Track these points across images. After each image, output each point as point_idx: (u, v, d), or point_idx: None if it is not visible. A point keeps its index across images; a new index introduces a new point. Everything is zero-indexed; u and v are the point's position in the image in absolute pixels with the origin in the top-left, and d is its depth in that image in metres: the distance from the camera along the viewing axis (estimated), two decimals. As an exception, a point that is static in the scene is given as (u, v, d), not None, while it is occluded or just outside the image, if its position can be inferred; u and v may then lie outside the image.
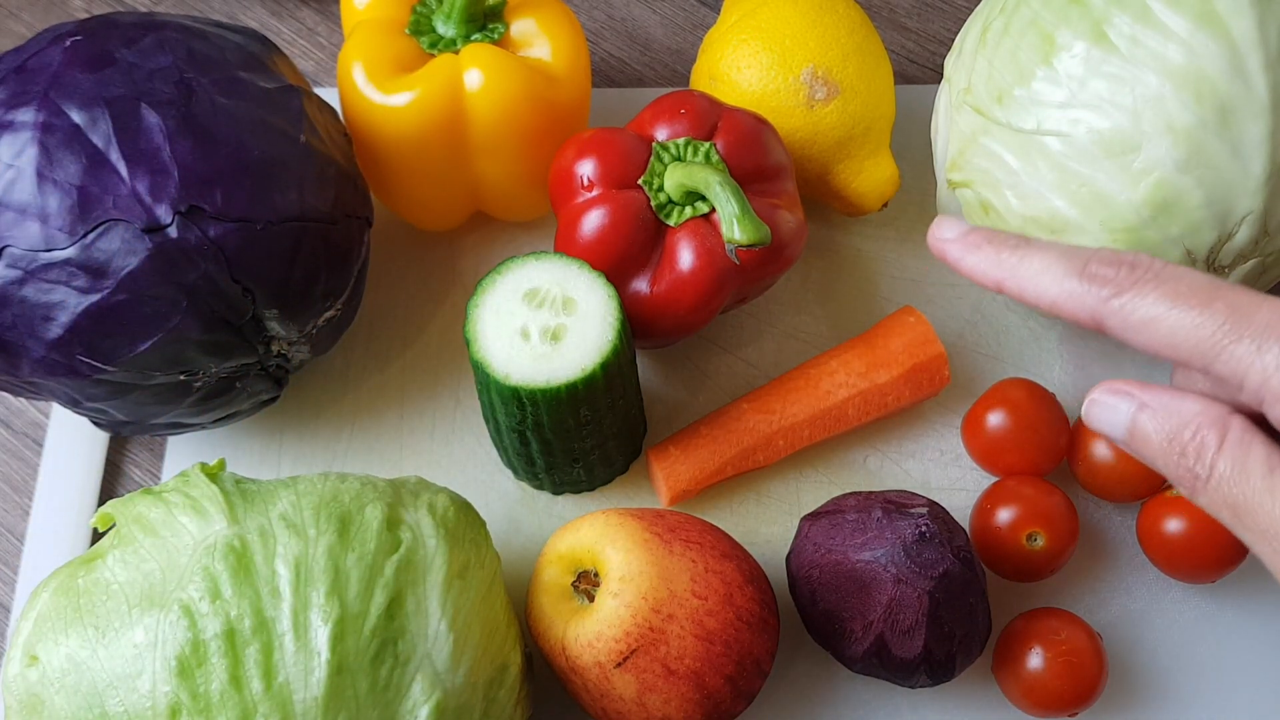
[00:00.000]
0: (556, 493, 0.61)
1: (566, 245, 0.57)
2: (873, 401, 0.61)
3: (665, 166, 0.57)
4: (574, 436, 0.55)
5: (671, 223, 0.57)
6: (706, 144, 0.57)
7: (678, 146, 0.57)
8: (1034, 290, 0.39)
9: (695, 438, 0.61)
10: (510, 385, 0.52)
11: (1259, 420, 0.37)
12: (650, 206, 0.57)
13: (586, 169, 0.57)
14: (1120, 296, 0.37)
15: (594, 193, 0.57)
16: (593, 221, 0.56)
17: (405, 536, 0.47)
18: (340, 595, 0.44)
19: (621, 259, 0.56)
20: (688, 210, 0.57)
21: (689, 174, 0.55)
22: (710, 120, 0.58)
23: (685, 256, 0.56)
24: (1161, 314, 0.36)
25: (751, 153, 0.57)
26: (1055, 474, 0.60)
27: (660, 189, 0.57)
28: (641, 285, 0.57)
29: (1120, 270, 0.37)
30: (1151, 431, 0.38)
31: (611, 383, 0.54)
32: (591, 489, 0.62)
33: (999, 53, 0.56)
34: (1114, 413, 0.39)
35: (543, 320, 0.53)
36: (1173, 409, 0.37)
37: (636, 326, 0.58)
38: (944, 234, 0.42)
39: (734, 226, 0.52)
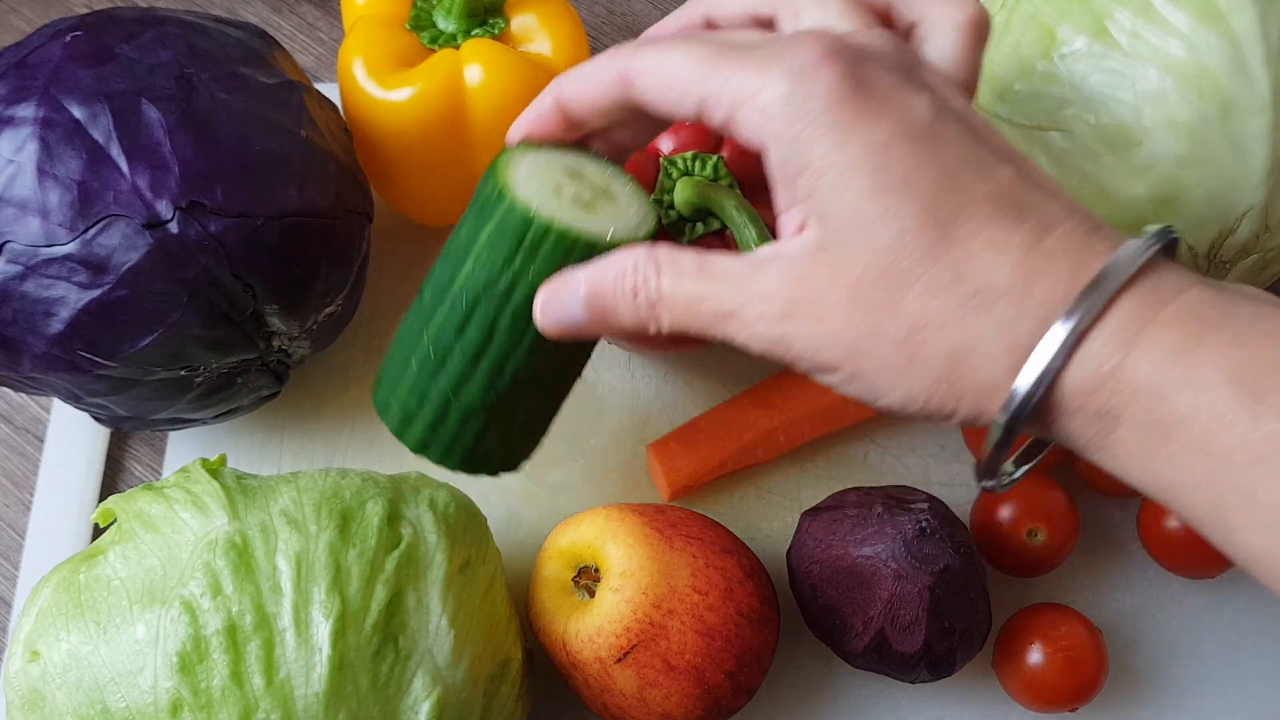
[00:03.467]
0: (418, 450, 0.47)
1: None
2: None
3: (674, 182, 0.55)
4: (523, 341, 0.44)
5: (684, 240, 0.55)
6: (714, 157, 0.56)
7: (685, 160, 0.56)
8: (578, 93, 0.43)
9: (695, 433, 0.60)
10: (529, 215, 0.42)
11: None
12: (661, 225, 0.55)
13: None
14: (633, 55, 0.40)
15: None
16: None
17: (406, 532, 0.47)
18: (341, 591, 0.44)
19: None
20: (699, 227, 0.55)
21: (701, 194, 0.53)
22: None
23: None
24: (658, 60, 0.39)
25: (759, 162, 0.57)
26: (1055, 469, 0.60)
27: (670, 206, 0.55)
28: None
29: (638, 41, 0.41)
30: (601, 292, 0.40)
31: None
32: (457, 469, 0.47)
33: (1000, 48, 0.56)
34: (567, 303, 0.41)
35: (580, 191, 0.45)
36: (606, 266, 0.40)
37: (647, 337, 0.57)
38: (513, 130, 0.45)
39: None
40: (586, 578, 0.51)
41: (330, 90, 0.71)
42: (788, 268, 0.37)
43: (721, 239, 0.55)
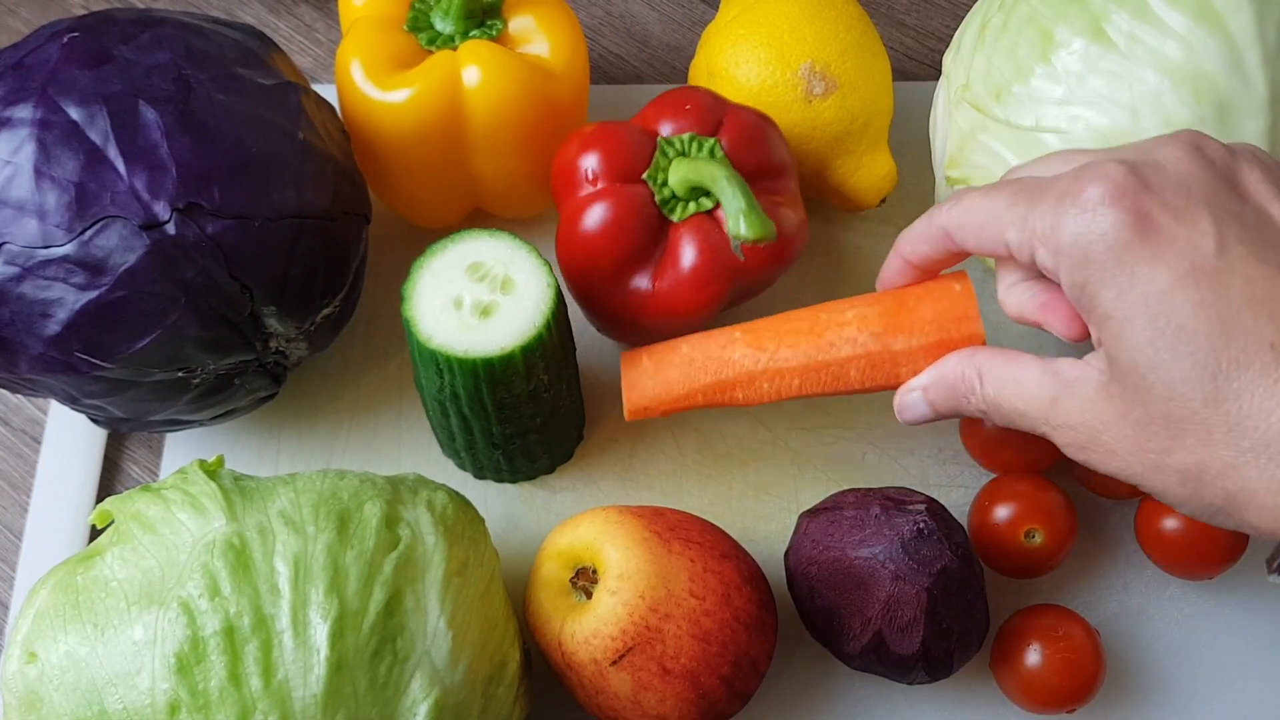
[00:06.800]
0: (479, 477, 0.62)
1: (568, 240, 0.57)
2: (881, 369, 0.53)
3: (670, 161, 0.57)
4: (491, 419, 0.55)
5: (675, 218, 0.57)
6: (711, 140, 0.57)
7: (682, 142, 0.57)
8: (914, 250, 0.49)
9: (673, 354, 0.56)
10: (430, 348, 0.52)
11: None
12: (654, 201, 0.57)
13: (590, 162, 0.57)
14: (948, 209, 0.46)
15: (597, 186, 0.56)
16: (595, 215, 0.56)
17: (404, 534, 0.47)
18: (339, 592, 0.44)
19: (624, 254, 0.56)
20: (691, 206, 0.57)
21: (695, 169, 0.55)
22: (715, 116, 0.58)
23: (688, 253, 0.56)
24: (967, 213, 0.44)
25: (755, 150, 0.57)
26: (1053, 470, 0.60)
27: (664, 184, 0.57)
28: (643, 282, 0.57)
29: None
30: (941, 400, 0.47)
31: (532, 370, 0.53)
32: (514, 480, 0.62)
33: (997, 49, 0.56)
34: (915, 406, 0.49)
35: (478, 294, 0.53)
36: (938, 374, 0.47)
37: (637, 324, 0.58)
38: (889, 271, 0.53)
39: (740, 222, 0.52)
40: (584, 579, 0.51)
41: (328, 91, 0.71)
42: (1083, 400, 0.41)
43: (712, 218, 0.57)
